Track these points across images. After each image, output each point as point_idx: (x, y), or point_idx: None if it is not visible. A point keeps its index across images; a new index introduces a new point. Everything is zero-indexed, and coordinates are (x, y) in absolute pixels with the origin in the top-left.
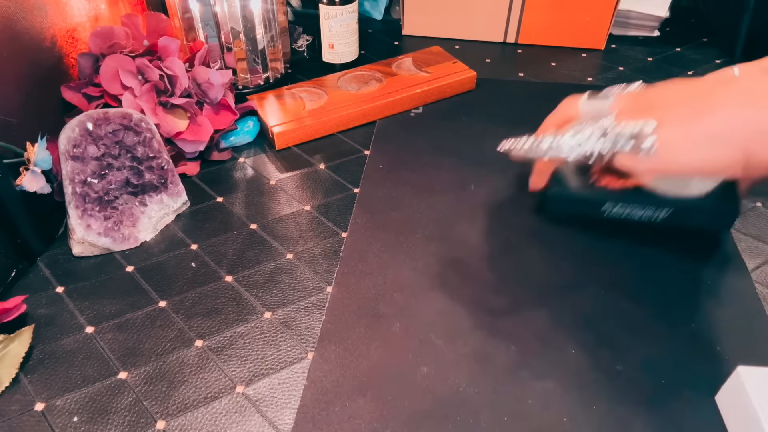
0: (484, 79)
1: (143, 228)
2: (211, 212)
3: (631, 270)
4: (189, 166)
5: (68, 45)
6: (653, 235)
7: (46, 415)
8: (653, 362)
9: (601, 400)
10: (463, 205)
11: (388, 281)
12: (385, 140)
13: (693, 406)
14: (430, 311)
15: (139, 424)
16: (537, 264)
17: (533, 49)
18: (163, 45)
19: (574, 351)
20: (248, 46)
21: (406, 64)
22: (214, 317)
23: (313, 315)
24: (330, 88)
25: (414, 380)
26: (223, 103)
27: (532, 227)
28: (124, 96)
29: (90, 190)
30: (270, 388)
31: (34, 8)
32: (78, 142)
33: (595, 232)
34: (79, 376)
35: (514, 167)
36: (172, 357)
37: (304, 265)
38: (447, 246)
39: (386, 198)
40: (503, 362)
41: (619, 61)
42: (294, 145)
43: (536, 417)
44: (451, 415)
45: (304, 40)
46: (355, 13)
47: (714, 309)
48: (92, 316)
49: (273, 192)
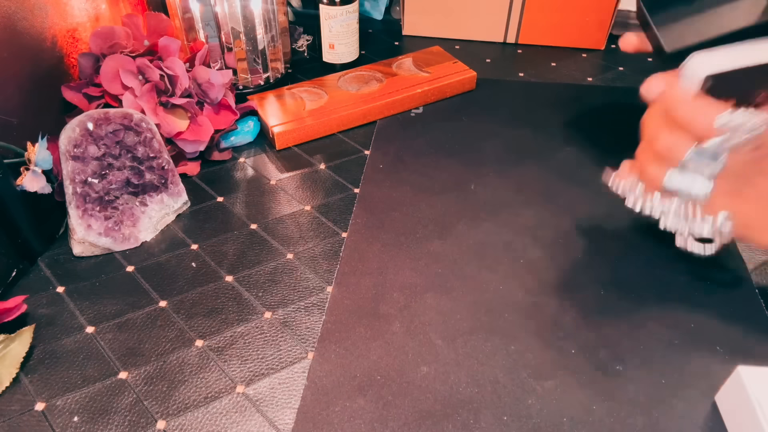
0: (484, 79)
1: (144, 228)
2: (212, 212)
3: (631, 270)
4: (189, 166)
5: (69, 45)
6: (653, 234)
7: (47, 415)
8: (653, 362)
9: (601, 400)
10: (463, 205)
11: (388, 281)
12: (386, 140)
13: (693, 406)
14: (430, 311)
15: (139, 424)
16: (537, 264)
17: (533, 49)
18: (164, 45)
19: (574, 351)
20: (248, 46)
21: (407, 64)
22: (214, 317)
23: (313, 315)
24: (330, 88)
25: (414, 380)
26: (224, 103)
27: (533, 227)
28: (125, 96)
29: (90, 190)
30: (270, 388)
31: (34, 8)
32: (78, 142)
33: (596, 232)
34: (80, 376)
35: (513, 167)
36: (173, 357)
37: (304, 265)
38: (447, 246)
39: (386, 198)
40: (503, 362)
41: (619, 61)
42: (294, 145)
43: (536, 417)
44: (451, 415)
45: (304, 40)
46: (355, 13)
47: (714, 309)
48: (93, 316)
49: (273, 192)
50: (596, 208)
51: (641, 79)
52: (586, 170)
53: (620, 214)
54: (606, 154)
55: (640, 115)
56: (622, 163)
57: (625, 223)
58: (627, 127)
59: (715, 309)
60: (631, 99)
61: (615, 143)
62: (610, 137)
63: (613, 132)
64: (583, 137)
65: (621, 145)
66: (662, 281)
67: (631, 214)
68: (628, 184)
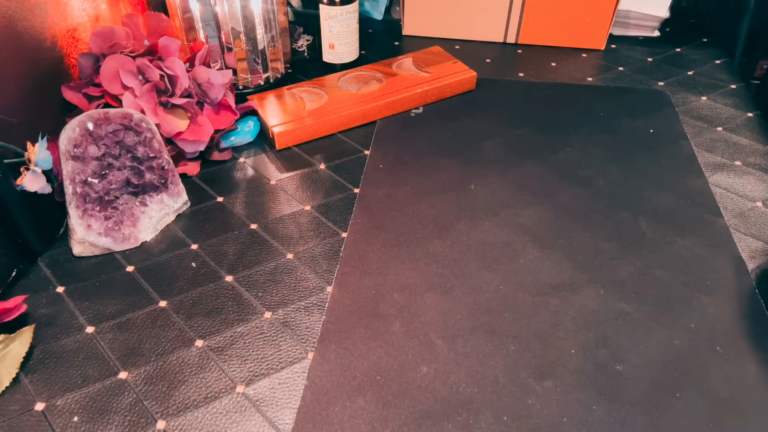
0: (484, 79)
1: (144, 228)
2: (212, 212)
3: (631, 270)
4: (189, 166)
5: (69, 45)
6: (653, 235)
7: (47, 414)
8: (653, 362)
9: (601, 400)
10: (463, 205)
11: (388, 281)
12: (385, 140)
13: (693, 406)
14: (430, 311)
15: (139, 424)
16: (537, 264)
17: (533, 49)
18: (164, 45)
19: (574, 351)
20: (248, 46)
21: (407, 64)
22: (214, 317)
23: (313, 315)
24: (330, 88)
25: (414, 380)
26: (224, 103)
27: (532, 227)
28: (125, 96)
29: (90, 190)
30: (270, 388)
31: (34, 8)
32: (78, 142)
33: (596, 232)
34: (80, 376)
35: (513, 167)
36: (173, 357)
37: (304, 265)
38: (447, 246)
39: (386, 198)
40: (503, 362)
41: (619, 61)
42: (294, 145)
43: (536, 417)
44: (451, 415)
45: (304, 40)
46: (355, 13)
47: (714, 309)
48: (92, 316)
49: (273, 192)
50: (596, 208)
51: (641, 79)
52: (586, 170)
53: (620, 214)
54: (606, 154)
55: (640, 115)
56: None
57: (625, 223)
58: (627, 127)
59: (715, 309)
60: (631, 99)
61: (615, 143)
62: (610, 137)
63: (612, 132)
64: (583, 137)
65: (621, 145)
66: (662, 281)
67: (630, 213)
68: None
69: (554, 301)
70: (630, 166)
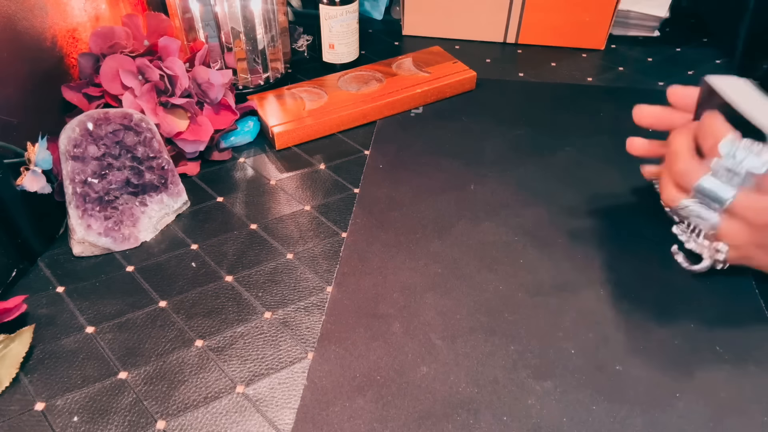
0: (484, 79)
1: (143, 228)
2: (212, 212)
3: (631, 270)
4: (189, 166)
5: (69, 45)
6: (653, 234)
7: (47, 415)
8: (653, 362)
9: (600, 400)
10: (463, 205)
11: (388, 281)
12: (385, 140)
13: (693, 406)
14: (430, 311)
15: (139, 424)
16: (537, 264)
17: (533, 49)
18: (164, 45)
19: (574, 351)
20: (248, 46)
21: (407, 64)
22: (214, 317)
23: (313, 315)
24: (330, 88)
25: (414, 380)
26: (224, 103)
27: (532, 227)
28: (125, 96)
29: (90, 190)
30: (270, 388)
31: (34, 8)
32: (78, 142)
33: (596, 232)
34: (80, 376)
35: (514, 167)
36: (173, 357)
37: (304, 265)
38: (447, 246)
39: (386, 198)
40: (503, 362)
41: (619, 61)
42: (294, 145)
43: (536, 417)
44: (451, 415)
45: (304, 40)
46: (355, 13)
47: (714, 309)
48: (92, 316)
49: (273, 192)
50: (596, 208)
51: (641, 79)
52: (586, 170)
53: (620, 214)
54: (606, 154)
55: None
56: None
57: (625, 223)
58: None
59: (715, 309)
60: (631, 99)
61: (615, 143)
62: (610, 137)
63: (613, 132)
64: (583, 137)
65: (621, 145)
66: (662, 281)
67: (630, 213)
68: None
69: (554, 301)
70: (630, 167)
